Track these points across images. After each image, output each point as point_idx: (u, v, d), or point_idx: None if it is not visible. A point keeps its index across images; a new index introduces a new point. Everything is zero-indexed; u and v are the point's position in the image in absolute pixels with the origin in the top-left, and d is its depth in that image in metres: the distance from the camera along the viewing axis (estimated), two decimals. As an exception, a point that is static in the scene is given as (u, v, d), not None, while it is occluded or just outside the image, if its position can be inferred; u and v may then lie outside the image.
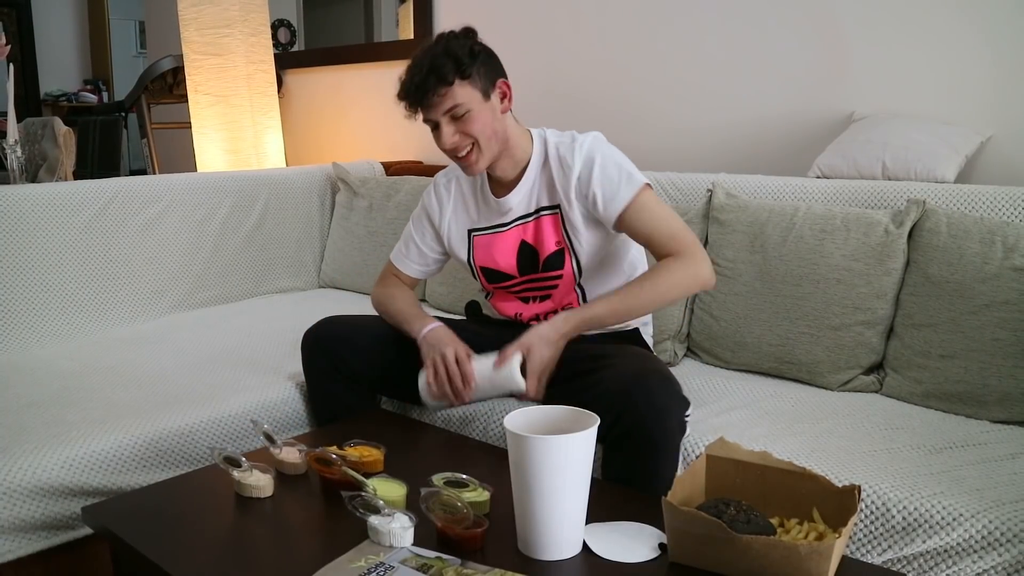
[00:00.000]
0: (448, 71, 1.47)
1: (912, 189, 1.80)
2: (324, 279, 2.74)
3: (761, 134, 2.31)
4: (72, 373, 1.83)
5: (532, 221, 1.62)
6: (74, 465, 1.44)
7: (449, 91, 1.48)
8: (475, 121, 1.50)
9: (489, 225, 1.66)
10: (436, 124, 1.52)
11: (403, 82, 1.51)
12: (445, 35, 1.53)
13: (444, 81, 1.47)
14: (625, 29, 2.54)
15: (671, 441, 1.35)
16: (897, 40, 2.06)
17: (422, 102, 1.50)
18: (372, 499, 1.12)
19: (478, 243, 1.67)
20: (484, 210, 1.67)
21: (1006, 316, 1.55)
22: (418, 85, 1.48)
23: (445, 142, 1.52)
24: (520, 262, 1.63)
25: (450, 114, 1.50)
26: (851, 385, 1.72)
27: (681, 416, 1.36)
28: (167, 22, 3.92)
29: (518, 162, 1.60)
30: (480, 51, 1.52)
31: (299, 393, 1.77)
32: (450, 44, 1.49)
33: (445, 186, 1.71)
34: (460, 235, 1.70)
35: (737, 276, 1.87)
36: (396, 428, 1.54)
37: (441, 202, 1.71)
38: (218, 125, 3.05)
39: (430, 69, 1.46)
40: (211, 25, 2.97)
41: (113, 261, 2.23)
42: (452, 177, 1.71)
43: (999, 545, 1.17)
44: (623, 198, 1.52)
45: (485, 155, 1.54)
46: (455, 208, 1.70)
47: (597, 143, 1.58)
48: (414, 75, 1.49)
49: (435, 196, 1.72)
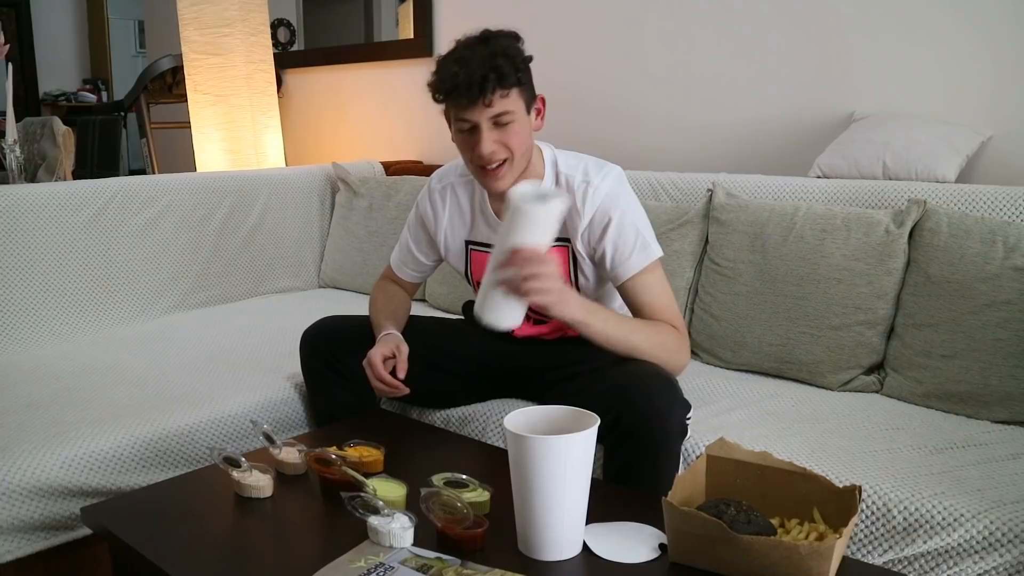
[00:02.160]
0: (509, 74, 1.36)
1: (913, 189, 1.80)
2: (324, 279, 2.74)
3: (761, 134, 2.31)
4: (71, 373, 1.83)
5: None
6: (73, 465, 1.44)
7: (507, 95, 1.37)
8: (516, 133, 1.40)
9: (488, 242, 1.56)
10: (474, 127, 1.39)
11: (449, 73, 1.36)
12: (495, 34, 1.42)
13: (504, 83, 1.36)
14: (625, 29, 2.54)
15: (671, 443, 1.34)
16: (898, 40, 2.06)
17: (475, 100, 1.36)
18: (372, 499, 1.11)
19: (476, 258, 1.61)
20: (482, 225, 1.59)
21: (1007, 316, 1.55)
22: (477, 82, 1.34)
23: (484, 148, 1.39)
24: None
25: (496, 120, 1.38)
26: (852, 385, 1.72)
27: (682, 419, 1.35)
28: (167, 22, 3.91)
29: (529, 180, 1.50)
30: (528, 61, 1.42)
31: (299, 393, 1.77)
32: (505, 43, 1.39)
33: (440, 193, 1.63)
34: (457, 246, 1.64)
35: (737, 276, 1.87)
36: (396, 428, 1.53)
37: (436, 209, 1.63)
38: (218, 125, 3.05)
39: (491, 67, 1.34)
40: (211, 25, 2.97)
41: (113, 261, 2.23)
42: (447, 183, 1.63)
43: (1000, 546, 1.17)
44: (633, 266, 1.45)
45: (514, 171, 1.44)
46: (451, 217, 1.62)
47: (615, 194, 1.47)
48: (470, 70, 1.34)
49: (430, 203, 1.64)
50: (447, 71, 1.37)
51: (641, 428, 1.29)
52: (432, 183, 1.65)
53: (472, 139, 1.40)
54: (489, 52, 1.36)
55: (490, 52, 1.36)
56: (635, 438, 1.30)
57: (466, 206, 1.60)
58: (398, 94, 3.22)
